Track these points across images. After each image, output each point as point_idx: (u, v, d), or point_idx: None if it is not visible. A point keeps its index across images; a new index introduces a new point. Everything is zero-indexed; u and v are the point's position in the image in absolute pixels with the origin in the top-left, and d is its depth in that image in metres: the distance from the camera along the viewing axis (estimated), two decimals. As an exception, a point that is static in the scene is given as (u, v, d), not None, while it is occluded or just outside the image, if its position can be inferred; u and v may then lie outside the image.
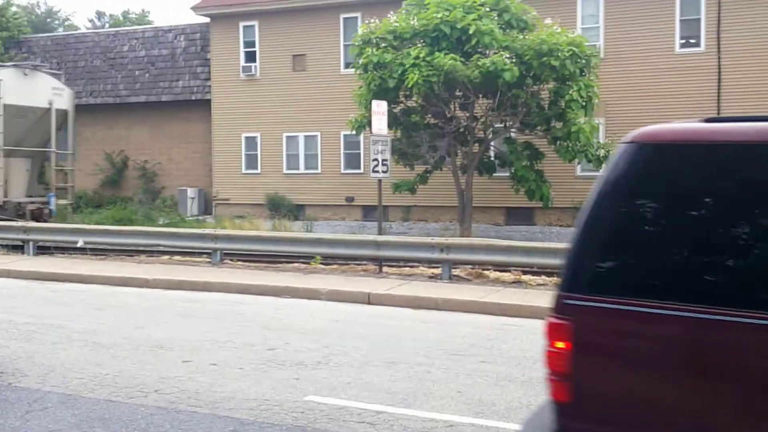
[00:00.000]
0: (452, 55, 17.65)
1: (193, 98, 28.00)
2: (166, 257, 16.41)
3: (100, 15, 53.26)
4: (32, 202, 20.42)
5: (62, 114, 21.95)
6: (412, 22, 18.66)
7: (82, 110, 29.77)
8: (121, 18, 49.24)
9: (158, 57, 28.67)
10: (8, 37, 30.29)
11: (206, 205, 27.50)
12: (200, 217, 25.51)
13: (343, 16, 25.28)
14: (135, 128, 29.33)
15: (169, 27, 29.29)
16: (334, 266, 14.65)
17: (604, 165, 19.57)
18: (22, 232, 16.84)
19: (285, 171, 26.15)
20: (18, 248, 17.17)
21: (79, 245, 16.63)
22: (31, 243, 16.72)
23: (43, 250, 17.09)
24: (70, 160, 22.37)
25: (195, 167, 28.47)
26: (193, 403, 6.76)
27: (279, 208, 25.06)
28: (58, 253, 16.95)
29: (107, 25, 49.27)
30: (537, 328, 10.04)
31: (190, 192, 27.39)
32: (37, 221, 18.99)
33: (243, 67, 26.59)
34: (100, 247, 16.94)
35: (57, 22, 48.36)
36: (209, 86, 27.50)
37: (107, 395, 6.96)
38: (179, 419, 6.35)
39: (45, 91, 21.31)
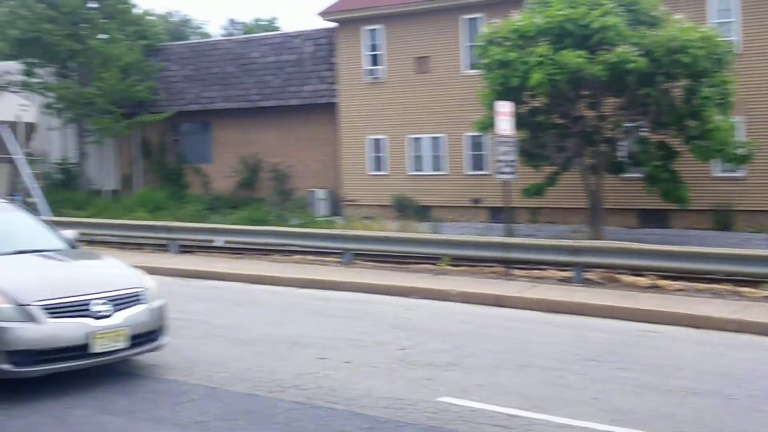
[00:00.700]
0: (578, 52, 17.25)
1: (321, 102, 28.66)
2: (298, 256, 16.87)
3: (232, 22, 55.49)
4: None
5: (30, 126, 26.13)
6: (535, 21, 18.36)
7: (216, 115, 31.11)
8: (252, 25, 51.07)
9: (287, 62, 29.51)
10: (147, 45, 31.95)
11: (335, 206, 28.08)
12: (330, 218, 26.08)
13: (465, 17, 25.19)
14: (266, 132, 30.31)
15: (296, 32, 30.09)
16: (463, 268, 14.60)
17: (746, 164, 18.68)
18: (166, 231, 17.77)
19: (411, 173, 26.34)
20: (162, 247, 18.13)
21: (218, 244, 17.38)
22: (173, 242, 17.62)
23: (185, 248, 17.94)
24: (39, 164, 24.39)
25: (323, 169, 29.12)
26: (329, 399, 6.94)
27: (405, 209, 25.26)
28: (199, 252, 17.76)
29: (240, 32, 51.20)
30: (677, 335, 9.69)
31: (319, 193, 28.06)
32: None
33: (368, 70, 26.98)
34: (237, 246, 17.61)
35: (191, 30, 50.71)
36: (335, 90, 28.08)
37: (248, 389, 7.25)
38: (317, 414, 6.54)
39: (12, 108, 25.52)
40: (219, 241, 17.37)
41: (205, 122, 31.76)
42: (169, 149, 32.32)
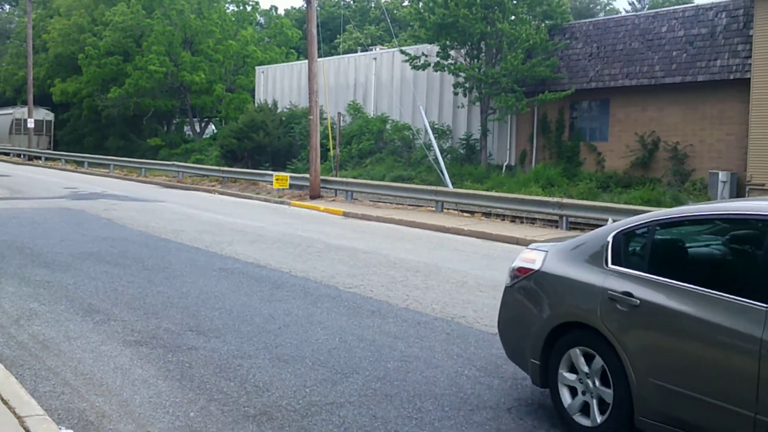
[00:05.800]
0: None
1: (731, 78, 26.71)
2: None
3: (639, -3, 53.97)
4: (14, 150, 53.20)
5: (48, 123, 56.95)
6: None
7: (616, 92, 30.76)
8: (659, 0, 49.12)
9: (697, 36, 27.97)
10: (552, 24, 32.62)
11: (738, 190, 26.16)
12: (730, 203, 24.40)
13: None
14: (667, 109, 29.18)
15: (710, 4, 28.30)
16: None
17: None
18: (558, 208, 18.35)
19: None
20: (553, 223, 18.75)
21: (609, 223, 17.46)
22: (564, 218, 18.12)
23: (574, 226, 18.34)
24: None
25: (728, 150, 27.21)
26: None
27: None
28: (588, 230, 18.02)
29: (646, 7, 49.65)
30: None
31: (722, 176, 26.32)
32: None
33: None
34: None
35: (598, 7, 50.43)
36: (749, 65, 25.92)
37: None
38: None
39: (42, 114, 55.62)
40: (609, 220, 17.41)
41: (604, 100, 31.63)
42: (566, 126, 32.81)
